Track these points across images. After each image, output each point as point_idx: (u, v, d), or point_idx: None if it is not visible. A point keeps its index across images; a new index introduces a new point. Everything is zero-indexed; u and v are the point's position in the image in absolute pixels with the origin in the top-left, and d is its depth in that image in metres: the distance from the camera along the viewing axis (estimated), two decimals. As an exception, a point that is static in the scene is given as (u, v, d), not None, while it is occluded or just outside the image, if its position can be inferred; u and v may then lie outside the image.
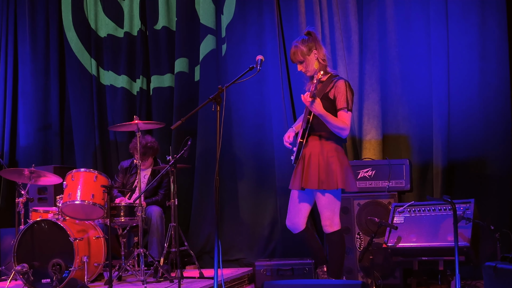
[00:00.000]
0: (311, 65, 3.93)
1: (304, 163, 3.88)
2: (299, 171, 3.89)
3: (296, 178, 3.90)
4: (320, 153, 3.86)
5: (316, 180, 3.81)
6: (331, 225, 3.88)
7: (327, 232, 3.89)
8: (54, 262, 4.63)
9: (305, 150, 3.89)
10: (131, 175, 5.54)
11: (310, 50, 3.92)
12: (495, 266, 3.25)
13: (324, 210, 3.88)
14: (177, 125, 3.73)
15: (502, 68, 4.96)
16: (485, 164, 4.99)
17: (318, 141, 3.88)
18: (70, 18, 6.60)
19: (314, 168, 3.83)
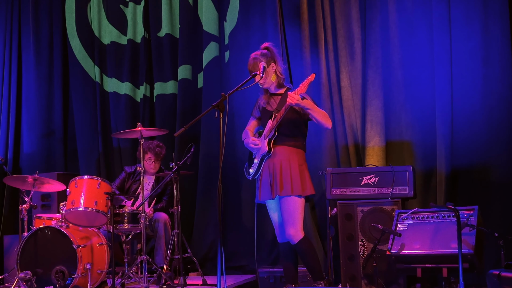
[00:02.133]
0: (268, 77, 4.10)
1: (273, 171, 4.00)
2: (265, 181, 4.03)
3: (265, 188, 4.02)
4: (291, 160, 4.01)
5: (291, 186, 3.94)
6: (296, 234, 3.98)
7: (293, 242, 4.00)
8: (57, 269, 4.63)
9: (271, 159, 4.03)
10: (135, 181, 5.55)
11: (269, 63, 4.09)
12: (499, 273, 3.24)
13: (290, 217, 3.97)
14: (180, 132, 3.75)
15: (505, 74, 4.95)
16: (488, 170, 4.97)
17: (286, 149, 4.04)
18: (73, 25, 6.63)
19: (287, 175, 3.97)
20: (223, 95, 3.68)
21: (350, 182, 4.79)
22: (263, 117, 4.21)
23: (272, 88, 4.17)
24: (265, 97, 4.19)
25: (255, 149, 4.14)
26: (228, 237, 5.81)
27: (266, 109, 4.17)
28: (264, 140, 4.07)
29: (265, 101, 4.18)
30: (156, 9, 6.36)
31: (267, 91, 4.19)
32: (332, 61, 5.55)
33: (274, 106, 4.13)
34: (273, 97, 4.18)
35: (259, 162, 4.08)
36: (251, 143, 4.14)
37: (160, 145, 5.49)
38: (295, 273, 4.14)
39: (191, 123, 3.79)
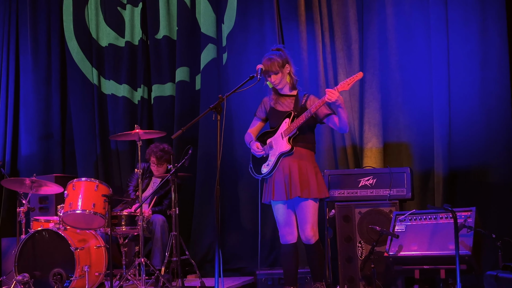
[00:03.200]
0: (284, 78, 4.11)
1: (289, 172, 3.99)
2: (280, 181, 4.01)
3: (279, 189, 4.01)
4: (307, 162, 4.04)
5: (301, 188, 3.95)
6: (315, 235, 4.05)
7: (310, 243, 4.05)
8: (55, 271, 4.63)
9: (286, 159, 4.03)
10: (144, 179, 5.55)
11: (284, 64, 4.10)
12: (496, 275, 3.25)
13: (309, 220, 4.02)
14: (177, 134, 3.75)
15: (503, 76, 4.95)
16: (486, 172, 4.97)
17: (300, 150, 4.05)
18: (71, 27, 6.63)
19: (306, 177, 3.99)
20: (221, 97, 3.69)
21: (348, 184, 4.79)
22: (272, 117, 4.18)
23: (285, 89, 4.16)
24: (274, 97, 4.18)
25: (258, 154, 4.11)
26: (227, 239, 5.80)
27: (276, 109, 4.16)
28: (283, 139, 4.05)
29: (274, 101, 4.17)
30: (153, 11, 6.37)
31: (276, 91, 4.18)
32: (330, 63, 5.55)
33: (287, 107, 4.12)
34: (283, 98, 4.17)
35: (275, 160, 4.05)
36: (256, 151, 4.11)
37: (164, 149, 5.46)
38: (295, 275, 4.15)
39: (188, 125, 3.79)
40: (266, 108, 4.24)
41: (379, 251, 4.37)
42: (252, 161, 4.23)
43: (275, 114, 4.16)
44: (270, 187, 4.07)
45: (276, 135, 4.10)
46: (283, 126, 4.08)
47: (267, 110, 4.24)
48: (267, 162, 4.10)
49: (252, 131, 4.29)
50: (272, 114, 4.19)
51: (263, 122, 4.29)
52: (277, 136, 4.09)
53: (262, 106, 4.27)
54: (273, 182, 4.05)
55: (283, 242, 4.12)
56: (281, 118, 4.10)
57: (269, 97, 4.21)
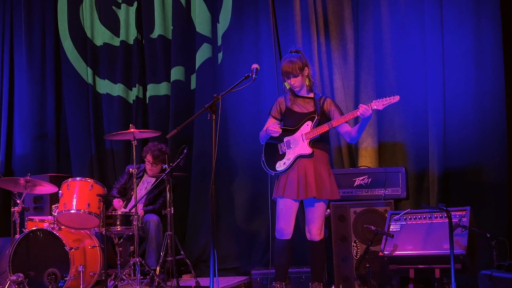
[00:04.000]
0: (303, 81, 4.19)
1: (304, 172, 4.07)
2: (293, 180, 4.08)
3: (291, 187, 4.08)
4: (323, 164, 4.14)
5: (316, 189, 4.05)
6: (321, 233, 4.20)
7: (316, 240, 4.18)
8: (50, 271, 4.62)
9: (303, 160, 4.10)
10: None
11: (304, 67, 4.18)
12: (490, 274, 3.26)
13: (319, 219, 4.17)
14: (172, 134, 3.75)
15: (497, 76, 4.97)
16: (481, 172, 4.99)
17: (319, 153, 4.15)
18: (66, 27, 6.61)
19: (321, 178, 4.10)
20: (216, 96, 3.69)
21: (343, 183, 4.80)
22: (289, 117, 4.23)
23: (303, 91, 4.23)
24: (291, 98, 4.23)
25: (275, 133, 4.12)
26: (222, 239, 5.80)
27: (293, 110, 4.21)
28: (303, 141, 4.12)
29: (291, 102, 4.22)
30: (148, 10, 6.35)
31: (293, 92, 4.23)
32: (325, 62, 5.56)
33: (306, 108, 4.19)
34: (300, 99, 4.23)
35: (293, 160, 4.12)
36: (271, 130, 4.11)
37: (162, 150, 5.46)
38: (286, 272, 4.24)
39: (183, 124, 3.79)
40: (282, 108, 4.28)
41: (374, 251, 4.37)
42: (265, 155, 4.26)
43: (292, 115, 4.22)
44: (281, 184, 4.13)
45: (296, 135, 4.16)
46: (304, 128, 4.15)
47: (282, 111, 4.28)
48: (284, 160, 4.15)
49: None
50: (289, 114, 4.24)
51: (278, 121, 4.32)
52: (296, 137, 4.15)
53: (278, 106, 4.31)
54: (285, 179, 4.12)
55: (280, 237, 4.16)
56: (301, 120, 4.17)
57: (286, 98, 4.27)
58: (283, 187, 4.11)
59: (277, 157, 4.19)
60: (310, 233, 4.19)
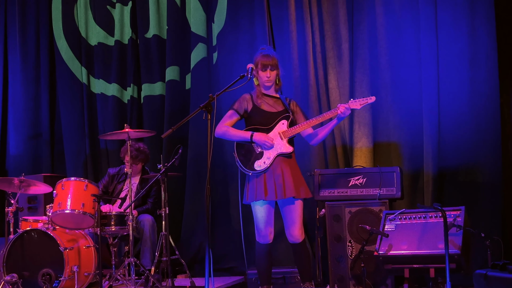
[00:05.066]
0: (276, 78, 4.18)
1: (280, 171, 4.04)
2: (270, 180, 4.05)
3: (270, 188, 4.03)
4: (294, 163, 4.15)
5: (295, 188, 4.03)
6: (302, 234, 4.14)
7: (298, 241, 4.12)
8: (44, 272, 4.60)
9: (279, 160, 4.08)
10: (119, 182, 5.54)
11: (278, 64, 4.19)
12: (485, 273, 3.27)
13: (299, 219, 4.12)
14: (167, 133, 3.74)
15: (492, 76, 4.98)
16: (475, 171, 5.00)
17: None
18: (60, 26, 6.59)
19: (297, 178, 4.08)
20: (211, 96, 3.68)
21: (338, 183, 4.80)
22: (257, 116, 4.15)
23: (272, 90, 4.21)
24: (259, 95, 4.18)
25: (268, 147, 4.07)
26: (217, 239, 5.79)
27: (261, 109, 4.16)
28: (282, 140, 4.09)
29: (260, 101, 4.18)
30: (143, 10, 6.34)
31: (261, 92, 4.19)
32: (320, 62, 5.56)
33: (275, 107, 4.16)
34: (267, 98, 4.19)
35: (273, 159, 4.07)
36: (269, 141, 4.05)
37: (140, 149, 5.44)
38: (270, 275, 4.21)
39: (178, 124, 3.78)
40: (249, 105, 4.19)
41: (369, 250, 4.38)
42: (240, 155, 4.18)
43: (261, 114, 4.16)
44: (260, 187, 4.04)
45: (272, 134, 4.11)
46: (280, 126, 4.12)
47: (248, 108, 4.19)
48: (263, 159, 4.09)
49: (228, 124, 4.21)
50: (257, 112, 4.17)
51: (240, 117, 4.25)
52: (273, 135, 4.11)
53: (243, 102, 4.21)
54: (264, 181, 4.05)
55: (263, 242, 4.12)
56: (272, 118, 4.13)
57: (253, 95, 4.21)
58: (264, 189, 4.03)
59: (254, 157, 4.12)
60: (292, 236, 4.11)
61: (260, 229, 4.12)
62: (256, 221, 4.13)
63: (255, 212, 4.13)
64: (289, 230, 4.11)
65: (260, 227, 4.11)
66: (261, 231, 4.11)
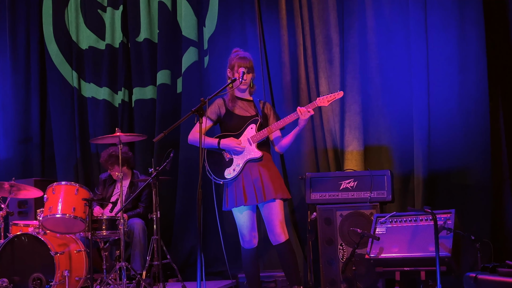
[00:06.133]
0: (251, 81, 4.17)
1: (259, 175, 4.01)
2: (249, 185, 4.02)
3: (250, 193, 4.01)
4: (271, 164, 4.13)
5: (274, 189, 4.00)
6: (284, 232, 4.07)
7: (280, 241, 4.05)
8: (35, 276, 4.58)
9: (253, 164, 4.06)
10: (108, 186, 5.53)
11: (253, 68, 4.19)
12: (475, 276, 3.28)
13: (279, 217, 4.05)
14: (159, 137, 3.74)
15: (481, 79, 5.01)
16: (465, 174, 5.03)
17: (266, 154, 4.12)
18: (51, 30, 6.58)
19: (275, 179, 4.06)
20: (203, 100, 3.68)
21: (329, 187, 4.82)
22: (230, 120, 4.14)
23: (246, 93, 4.20)
24: (231, 100, 4.15)
25: (238, 152, 4.07)
26: (208, 243, 5.79)
27: (234, 113, 4.14)
28: (251, 145, 4.06)
29: (232, 105, 4.15)
30: (134, 14, 6.34)
31: (233, 95, 4.16)
32: (311, 66, 5.58)
33: (247, 112, 4.14)
34: (240, 102, 4.17)
35: (243, 165, 4.05)
36: (237, 145, 4.04)
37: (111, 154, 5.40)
38: (258, 279, 4.18)
39: (170, 128, 3.78)
40: (221, 110, 4.18)
41: (360, 253, 4.39)
42: (209, 164, 4.16)
43: (234, 118, 4.14)
44: (239, 192, 4.03)
45: (242, 139, 4.09)
46: (249, 132, 4.10)
47: (221, 113, 4.18)
48: (233, 167, 4.07)
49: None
50: (230, 117, 4.15)
51: (214, 123, 4.23)
52: (242, 140, 4.08)
53: (216, 107, 4.18)
54: (242, 187, 4.03)
55: (248, 247, 4.11)
56: (243, 123, 4.11)
57: (225, 99, 4.19)
58: (243, 194, 4.01)
59: (224, 165, 4.11)
60: (273, 235, 4.05)
61: (243, 235, 4.11)
62: (239, 227, 4.13)
63: (237, 218, 4.13)
64: (271, 231, 4.05)
65: (244, 233, 4.11)
66: (245, 236, 4.11)
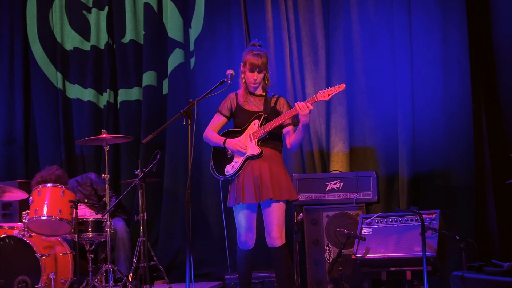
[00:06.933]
0: (263, 79, 4.01)
1: (259, 174, 3.88)
2: (249, 183, 3.88)
3: (249, 191, 3.88)
4: (277, 164, 3.95)
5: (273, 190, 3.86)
6: (281, 236, 3.94)
7: (277, 245, 3.92)
8: (20, 279, 4.55)
9: (255, 161, 3.92)
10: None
11: (267, 64, 4.02)
12: (462, 275, 3.33)
13: (277, 222, 3.92)
14: (148, 139, 3.72)
15: (464, 82, 5.09)
16: (449, 175, 5.09)
17: (270, 151, 3.95)
18: (35, 30, 6.52)
19: (277, 179, 3.89)
20: (191, 102, 3.68)
21: (315, 188, 4.84)
22: (239, 116, 4.04)
23: (258, 89, 4.03)
24: (243, 95, 4.02)
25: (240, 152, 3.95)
26: (195, 244, 5.77)
27: (244, 108, 4.02)
28: (251, 142, 3.94)
29: (244, 100, 4.02)
30: (120, 15, 6.31)
31: (246, 89, 4.03)
32: (297, 68, 5.61)
33: (256, 107, 4.01)
34: (252, 97, 4.03)
35: (242, 163, 3.92)
36: (241, 148, 3.92)
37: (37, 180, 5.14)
38: (251, 278, 4.09)
39: (159, 129, 3.77)
40: (233, 105, 4.08)
41: (347, 254, 4.43)
42: (214, 160, 4.08)
43: (243, 113, 4.02)
44: (239, 190, 3.91)
45: (244, 136, 3.98)
46: (251, 127, 3.98)
47: (233, 108, 4.08)
48: (232, 163, 3.96)
49: (214, 128, 4.12)
50: (240, 112, 4.04)
51: (227, 119, 4.13)
52: (244, 137, 3.98)
53: (228, 102, 4.09)
54: (242, 184, 3.90)
55: (243, 248, 3.99)
56: (249, 119, 3.99)
57: (238, 94, 4.07)
58: (241, 192, 3.89)
59: (226, 161, 3.99)
60: (270, 238, 3.92)
61: (240, 234, 4.00)
62: (237, 226, 4.02)
63: (235, 217, 4.02)
64: (268, 233, 3.95)
65: (240, 233, 4.00)
66: (241, 236, 3.99)
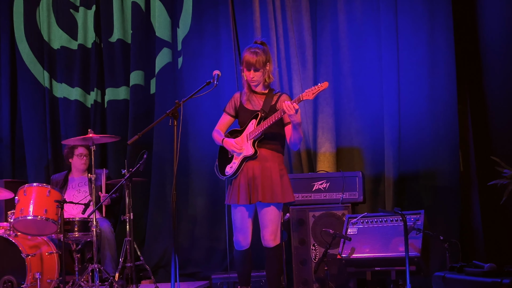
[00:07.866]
0: (263, 77, 3.94)
1: (252, 175, 3.86)
2: (244, 184, 3.87)
3: (243, 192, 3.86)
4: (272, 165, 3.88)
5: (272, 194, 3.83)
6: (275, 239, 3.93)
7: (270, 246, 3.92)
8: (6, 279, 4.53)
9: (250, 162, 3.89)
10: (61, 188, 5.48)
11: (266, 62, 3.93)
12: (443, 276, 3.37)
13: (271, 224, 3.90)
14: (133, 140, 3.72)
15: (450, 83, 5.12)
16: (434, 176, 5.13)
17: (267, 152, 3.90)
18: (22, 29, 6.48)
19: (268, 181, 3.85)
20: (177, 102, 3.68)
21: (302, 188, 4.87)
22: (241, 115, 4.01)
23: (260, 87, 3.97)
24: (247, 93, 3.98)
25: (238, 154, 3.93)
26: (181, 244, 5.79)
27: (245, 107, 3.99)
28: (247, 142, 3.90)
29: (246, 99, 3.98)
30: (107, 14, 6.29)
31: (249, 87, 3.97)
32: (285, 68, 5.63)
33: (257, 106, 3.96)
34: (254, 95, 3.98)
35: (239, 163, 3.89)
36: (235, 149, 3.90)
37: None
38: (249, 276, 4.07)
39: (145, 130, 3.77)
40: (236, 104, 4.04)
41: (332, 254, 4.45)
42: (219, 159, 4.06)
43: (245, 112, 3.98)
44: (235, 191, 3.90)
45: (242, 136, 3.95)
46: (249, 127, 3.94)
47: (236, 107, 4.04)
48: (231, 163, 3.94)
49: (221, 128, 4.08)
50: (242, 111, 4.00)
51: (233, 118, 4.08)
52: (242, 137, 3.95)
53: (232, 101, 4.07)
54: (238, 185, 3.88)
55: (238, 248, 3.98)
56: (249, 118, 3.96)
57: (242, 93, 4.03)
58: (237, 194, 3.88)
59: (227, 161, 3.98)
60: (264, 239, 3.92)
61: (234, 234, 3.99)
62: (233, 226, 4.01)
63: (231, 216, 4.01)
64: (262, 235, 3.94)
65: (234, 233, 3.99)
66: (235, 236, 3.99)
